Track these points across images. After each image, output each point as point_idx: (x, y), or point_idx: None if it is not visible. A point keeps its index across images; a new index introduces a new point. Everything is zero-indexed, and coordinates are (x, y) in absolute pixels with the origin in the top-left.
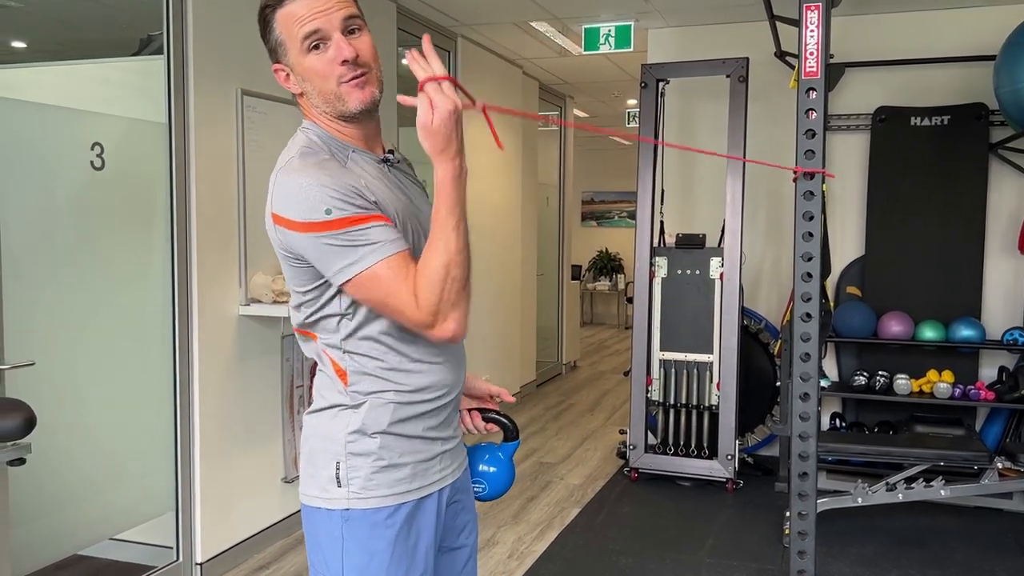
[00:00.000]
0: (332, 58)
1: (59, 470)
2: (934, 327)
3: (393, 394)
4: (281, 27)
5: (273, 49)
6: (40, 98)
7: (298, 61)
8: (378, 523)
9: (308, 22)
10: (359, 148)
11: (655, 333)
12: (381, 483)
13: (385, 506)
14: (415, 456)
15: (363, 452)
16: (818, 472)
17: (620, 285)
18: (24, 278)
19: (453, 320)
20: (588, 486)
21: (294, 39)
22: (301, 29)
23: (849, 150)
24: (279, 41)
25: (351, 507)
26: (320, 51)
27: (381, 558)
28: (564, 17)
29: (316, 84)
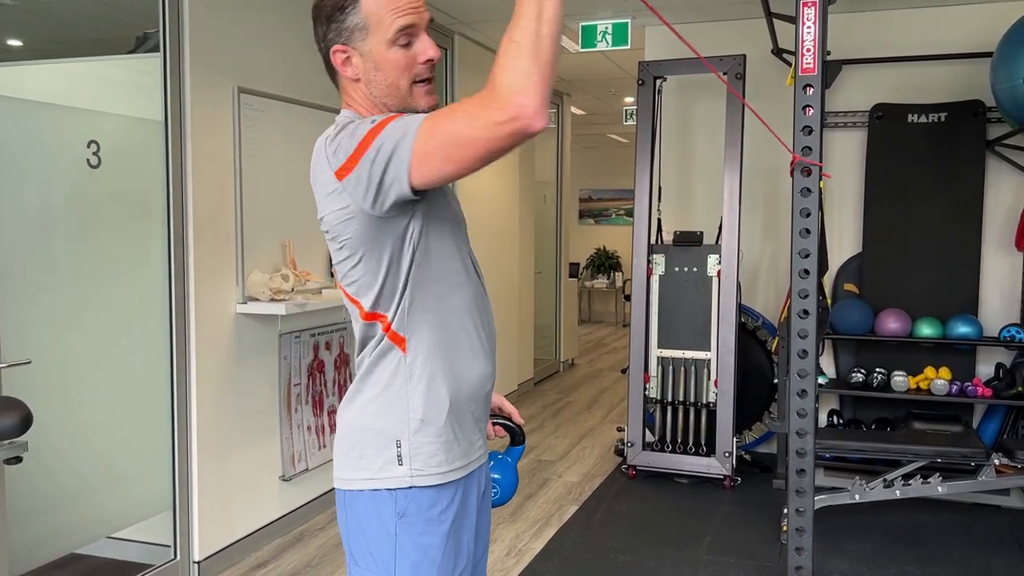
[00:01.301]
0: (416, 54)
1: (56, 469)
2: (931, 324)
3: (440, 375)
4: (370, 10)
5: (347, 30)
6: (36, 96)
7: (378, 50)
8: (435, 511)
9: (406, 14)
10: None
11: (653, 330)
12: (442, 460)
13: (446, 482)
14: (462, 429)
15: (423, 430)
16: (815, 469)
17: (618, 283)
18: (20, 276)
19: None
20: (586, 484)
21: (384, 27)
22: (397, 20)
23: (846, 147)
24: (361, 24)
25: (414, 484)
26: (404, 46)
27: (435, 553)
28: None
29: (390, 76)
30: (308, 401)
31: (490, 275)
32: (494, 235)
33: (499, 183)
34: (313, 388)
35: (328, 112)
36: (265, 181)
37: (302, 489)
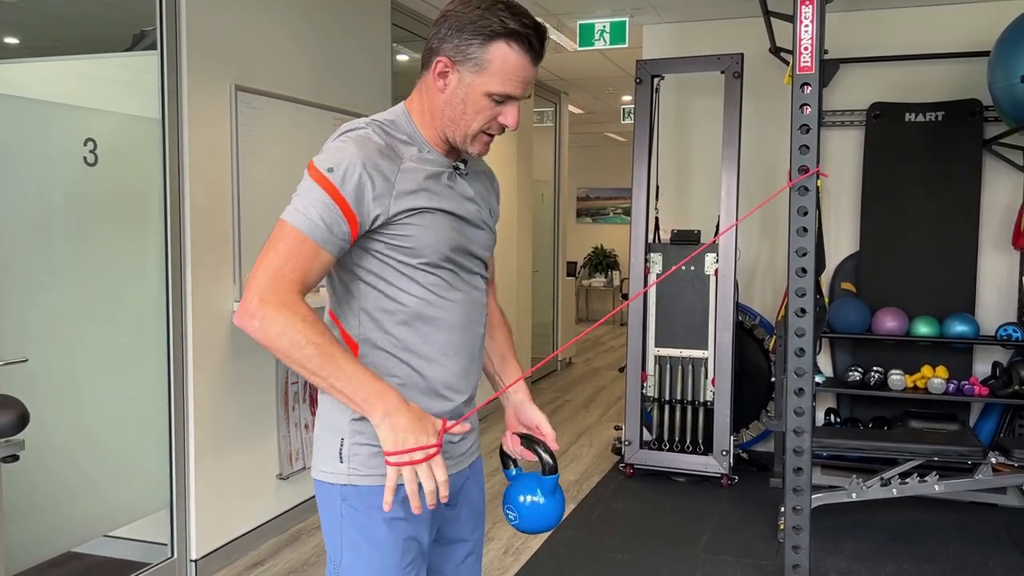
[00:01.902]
0: (501, 114)
1: (53, 467)
2: (928, 323)
3: (406, 377)
4: (494, 59)
5: (464, 53)
6: (33, 94)
7: (477, 90)
8: (374, 504)
9: (513, 86)
10: (434, 150)
11: (650, 329)
12: (381, 464)
13: (381, 485)
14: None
15: (362, 432)
16: (813, 467)
17: (615, 281)
18: (17, 274)
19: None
20: (583, 482)
21: (495, 80)
22: (504, 87)
23: (843, 146)
24: (479, 60)
25: (351, 483)
26: (495, 103)
27: (376, 538)
28: (559, 13)
29: (468, 115)
30: (305, 399)
31: None
32: None
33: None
34: (310, 387)
35: (325, 110)
36: (262, 179)
37: (299, 488)
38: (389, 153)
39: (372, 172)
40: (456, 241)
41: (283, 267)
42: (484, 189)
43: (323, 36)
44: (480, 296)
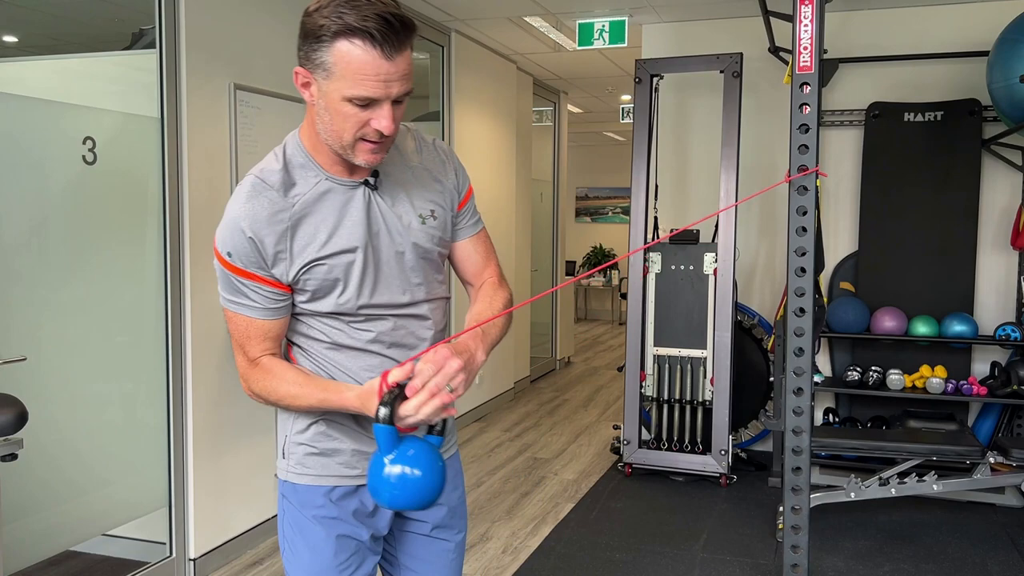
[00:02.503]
0: (370, 120)
1: (52, 466)
2: (927, 322)
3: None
4: (336, 59)
5: (312, 60)
6: (32, 92)
7: (331, 96)
8: (308, 500)
9: (366, 86)
10: (332, 175)
11: (649, 329)
12: (315, 463)
13: (318, 485)
14: (355, 445)
15: (301, 431)
16: (811, 467)
17: (614, 281)
18: (15, 272)
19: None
20: (582, 481)
21: (343, 83)
22: (355, 88)
23: (843, 146)
24: (325, 64)
25: (288, 480)
26: (360, 108)
27: (309, 536)
28: (558, 12)
29: (336, 123)
30: None
31: None
32: (491, 232)
33: (496, 181)
34: None
35: None
36: None
37: None
38: (277, 217)
39: (264, 241)
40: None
41: (245, 348)
42: (414, 191)
43: None
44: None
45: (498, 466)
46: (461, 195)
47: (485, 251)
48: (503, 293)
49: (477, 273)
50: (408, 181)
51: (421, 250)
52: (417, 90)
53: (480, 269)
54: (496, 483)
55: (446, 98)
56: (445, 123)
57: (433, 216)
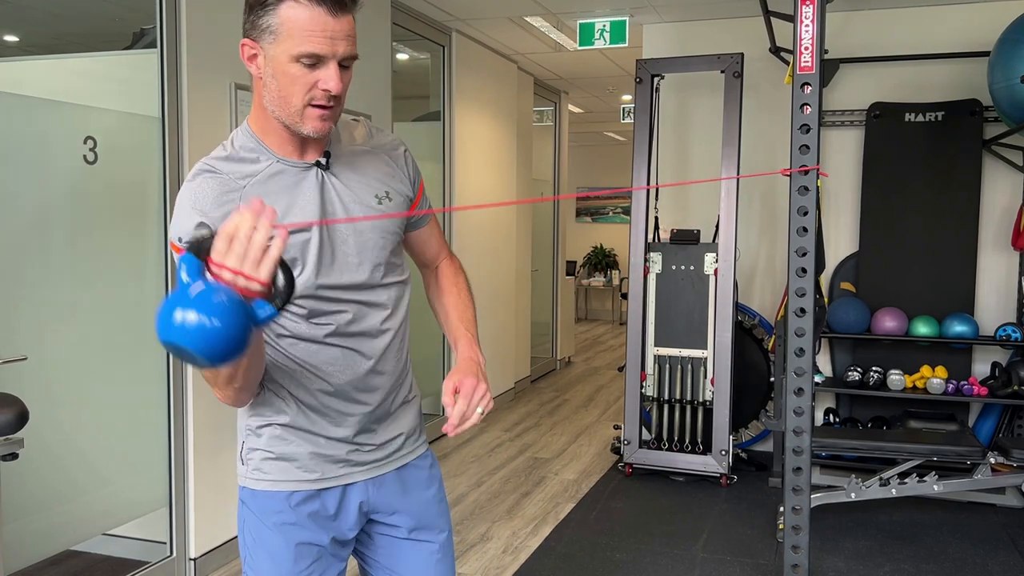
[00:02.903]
0: (317, 80)
1: (52, 465)
2: (928, 323)
3: (292, 388)
4: (283, 20)
5: (260, 28)
6: (33, 92)
7: (279, 59)
8: (267, 506)
9: (313, 42)
10: (282, 157)
11: (650, 329)
12: (273, 468)
13: (276, 491)
14: (312, 449)
15: (258, 435)
16: (811, 467)
17: (615, 281)
18: (16, 272)
19: (220, 393)
20: (582, 481)
21: (290, 41)
22: (303, 45)
23: (843, 146)
24: (273, 28)
25: (246, 486)
26: (307, 68)
27: (268, 542)
28: (559, 12)
29: (284, 88)
30: None
31: (487, 272)
32: (491, 233)
33: (496, 181)
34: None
35: None
36: None
37: None
38: (225, 197)
39: (213, 221)
40: (313, 279)
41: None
42: (368, 174)
43: None
44: (375, 295)
45: (498, 466)
46: (416, 187)
47: (438, 235)
48: (463, 274)
49: (434, 256)
50: (362, 164)
51: (379, 231)
52: (418, 90)
53: (436, 252)
54: (496, 483)
55: (447, 98)
56: (446, 123)
57: (388, 198)
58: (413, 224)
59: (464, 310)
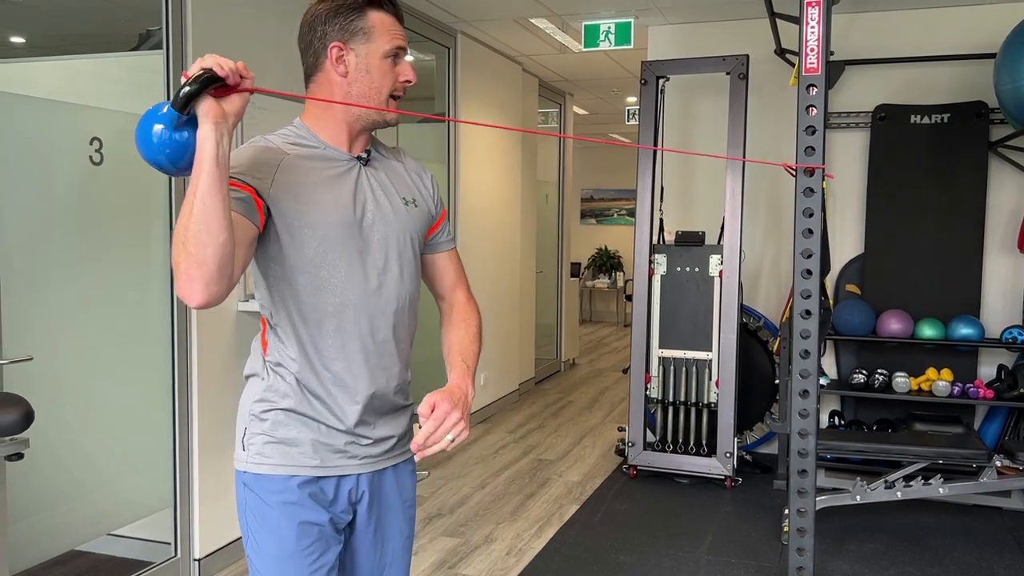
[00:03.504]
0: (399, 72)
1: (57, 465)
2: (933, 325)
3: (298, 373)
4: (374, 23)
5: (351, 31)
6: (39, 93)
7: (374, 56)
8: (269, 488)
9: (399, 37)
10: (331, 146)
11: (654, 330)
12: (275, 452)
13: (278, 474)
14: (313, 436)
15: (263, 420)
16: (817, 469)
17: (619, 283)
18: (22, 272)
19: (180, 279)
20: (587, 483)
21: (383, 40)
22: (395, 40)
23: (849, 148)
24: (365, 29)
25: (248, 470)
26: (393, 63)
27: (271, 522)
28: (564, 14)
29: (375, 82)
30: None
31: (491, 274)
32: (496, 234)
33: (501, 182)
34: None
35: None
36: None
37: None
38: (268, 154)
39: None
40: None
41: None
42: (399, 179)
43: None
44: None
45: (503, 467)
46: (438, 210)
47: (458, 267)
48: (476, 316)
49: (451, 287)
50: (394, 171)
51: (403, 229)
52: (423, 92)
53: (453, 283)
54: (501, 484)
55: (452, 99)
56: (451, 124)
57: (415, 204)
58: (432, 247)
59: (468, 347)
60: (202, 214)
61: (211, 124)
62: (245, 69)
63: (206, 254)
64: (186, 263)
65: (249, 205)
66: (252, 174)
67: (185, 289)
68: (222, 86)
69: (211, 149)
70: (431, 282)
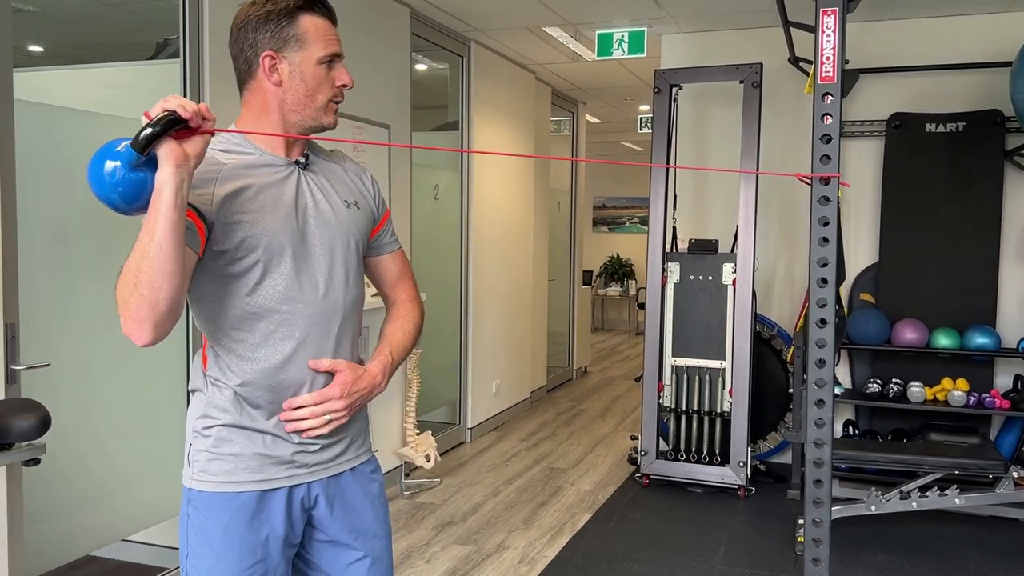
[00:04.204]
0: (337, 77)
1: (73, 471)
2: (949, 335)
3: (236, 386)
4: (307, 29)
5: (282, 39)
6: (57, 101)
7: (307, 63)
8: (213, 506)
9: (333, 43)
10: (267, 152)
11: (667, 339)
12: (219, 470)
13: (222, 492)
14: (257, 449)
15: (205, 436)
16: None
17: (631, 291)
18: (40, 279)
19: (129, 320)
20: (599, 492)
21: (315, 46)
22: (328, 46)
23: (863, 156)
24: (298, 36)
25: (192, 487)
26: (328, 68)
27: (213, 541)
28: (577, 23)
29: (310, 89)
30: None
31: (504, 282)
32: (508, 242)
33: (513, 190)
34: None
35: (345, 119)
36: None
37: None
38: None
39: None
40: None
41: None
42: (339, 181)
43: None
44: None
45: (515, 476)
46: (381, 211)
47: (402, 265)
48: (418, 314)
49: (393, 284)
50: (333, 173)
51: (345, 231)
52: (436, 100)
53: (396, 280)
54: (513, 493)
55: (465, 108)
56: (464, 132)
57: (357, 206)
58: (376, 248)
59: (400, 341)
60: (158, 257)
61: (172, 167)
62: (208, 111)
63: (158, 298)
64: (137, 304)
65: (192, 233)
66: (194, 194)
67: (135, 330)
68: (184, 128)
69: (170, 194)
70: (376, 282)
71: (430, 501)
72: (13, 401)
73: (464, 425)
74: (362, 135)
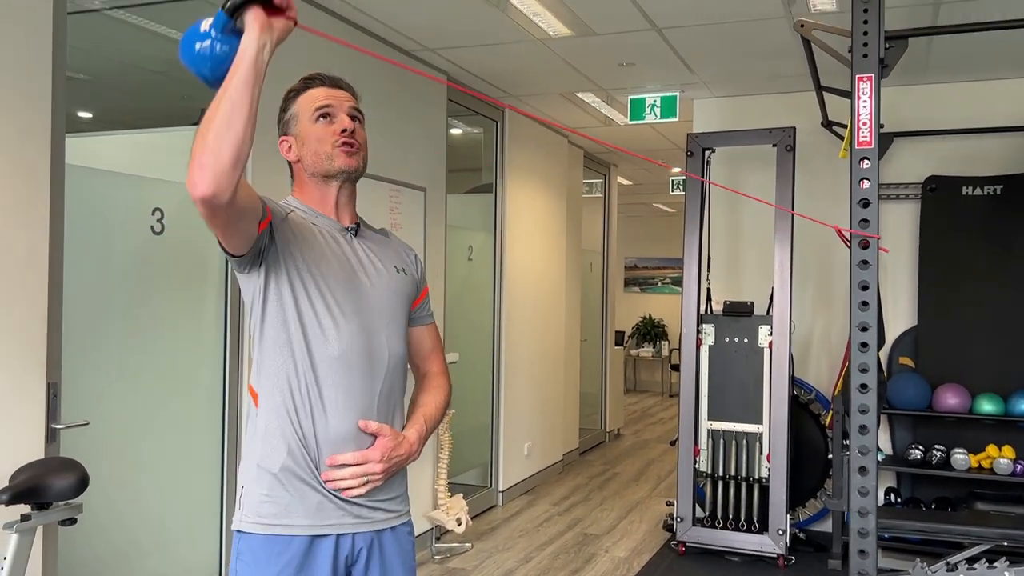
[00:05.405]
0: (334, 128)
1: (108, 531)
2: (992, 400)
3: (292, 436)
4: (299, 105)
5: (285, 123)
6: (106, 165)
7: (303, 128)
8: (263, 550)
9: (323, 100)
10: (321, 215)
11: (703, 402)
12: (269, 513)
13: (271, 535)
14: (309, 496)
15: (260, 481)
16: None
17: (664, 352)
18: (82, 338)
19: (192, 166)
20: (634, 559)
21: (306, 111)
22: (315, 103)
23: (899, 219)
24: (293, 115)
25: (243, 529)
26: (326, 122)
27: None
28: (610, 88)
29: (312, 147)
30: None
31: (536, 342)
32: (541, 302)
33: (546, 251)
34: None
35: (382, 182)
36: None
37: None
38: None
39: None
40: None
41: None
42: (389, 249)
43: (383, 111)
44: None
45: (547, 541)
46: (422, 285)
47: (435, 338)
48: (447, 387)
49: (427, 356)
50: (383, 245)
51: (396, 292)
52: (471, 163)
53: (428, 353)
54: (545, 559)
55: (499, 171)
56: (498, 195)
57: (405, 272)
58: (414, 320)
59: (433, 411)
60: (228, 108)
61: (257, 30)
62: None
63: (222, 147)
64: (201, 152)
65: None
66: (272, 204)
67: (196, 176)
68: (270, 5)
69: (252, 51)
70: (409, 352)
71: (462, 567)
72: (52, 460)
73: (496, 488)
74: (398, 198)
